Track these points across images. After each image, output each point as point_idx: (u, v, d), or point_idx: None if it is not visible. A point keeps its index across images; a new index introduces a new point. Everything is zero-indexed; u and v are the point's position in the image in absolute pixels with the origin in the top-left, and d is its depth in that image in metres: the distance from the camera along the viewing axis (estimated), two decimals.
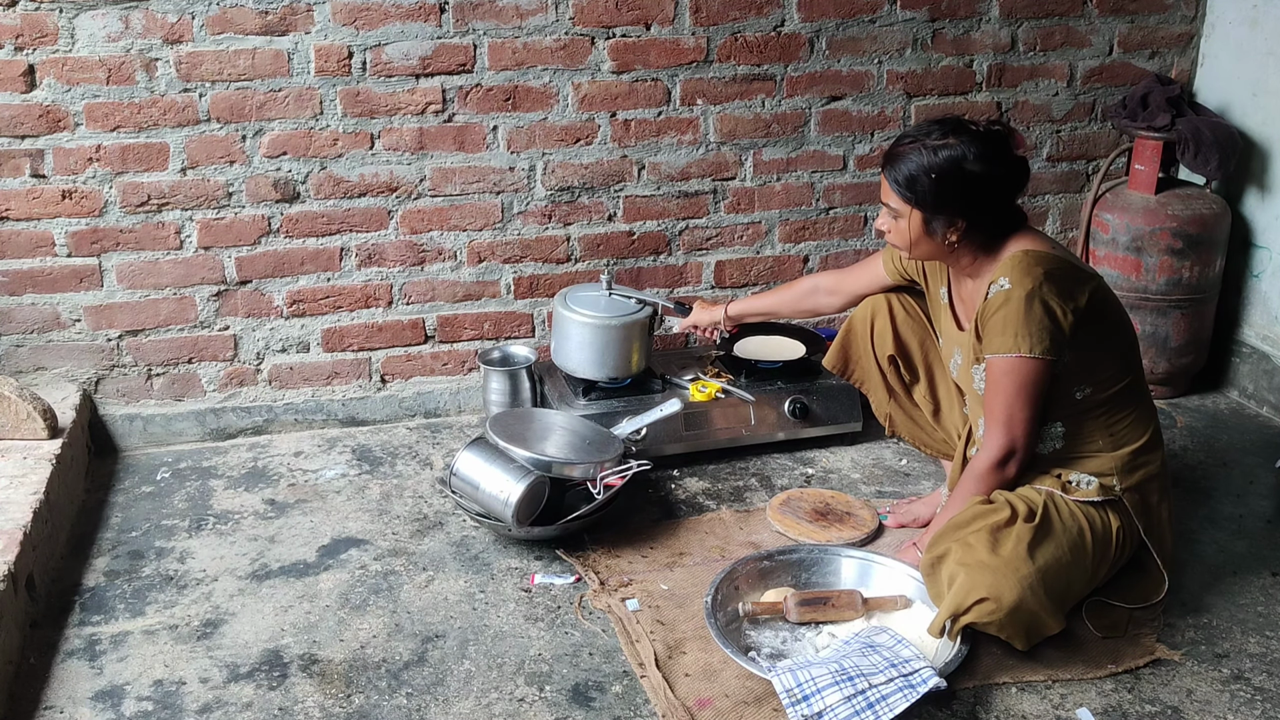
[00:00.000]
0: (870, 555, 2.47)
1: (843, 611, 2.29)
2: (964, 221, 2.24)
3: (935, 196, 2.21)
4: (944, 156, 2.19)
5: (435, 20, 2.97)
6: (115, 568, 2.55)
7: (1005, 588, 2.09)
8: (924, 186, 2.21)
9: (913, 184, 2.22)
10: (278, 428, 3.22)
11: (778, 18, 3.19)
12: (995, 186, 2.22)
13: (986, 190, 2.21)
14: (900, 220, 2.29)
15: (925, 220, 2.25)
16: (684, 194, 3.30)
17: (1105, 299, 2.28)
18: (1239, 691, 2.15)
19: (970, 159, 2.18)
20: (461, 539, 2.67)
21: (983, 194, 2.21)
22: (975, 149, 2.19)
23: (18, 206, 2.88)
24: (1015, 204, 2.30)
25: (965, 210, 2.22)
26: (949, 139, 2.20)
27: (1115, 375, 2.28)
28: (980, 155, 2.19)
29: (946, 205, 2.21)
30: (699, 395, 3.01)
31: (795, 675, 2.01)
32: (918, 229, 2.27)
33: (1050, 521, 2.20)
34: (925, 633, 2.22)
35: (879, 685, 1.99)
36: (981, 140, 2.20)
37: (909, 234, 2.29)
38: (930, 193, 2.21)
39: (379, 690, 2.14)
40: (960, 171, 2.18)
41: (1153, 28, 3.48)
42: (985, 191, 2.21)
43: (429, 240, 3.17)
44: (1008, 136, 2.25)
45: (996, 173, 2.20)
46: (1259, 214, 3.41)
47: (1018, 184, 2.27)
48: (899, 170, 2.24)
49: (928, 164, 2.20)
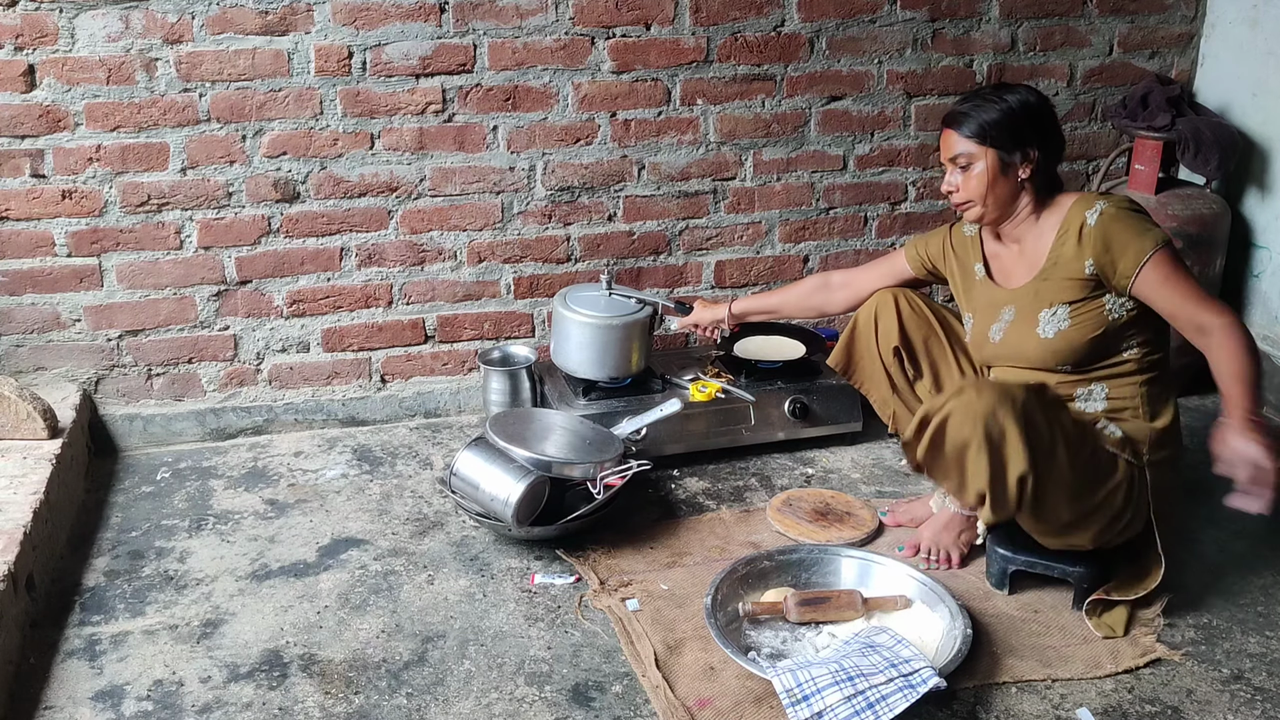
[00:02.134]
0: (870, 555, 2.47)
1: (843, 611, 2.29)
2: (1037, 152, 2.32)
3: (1010, 131, 2.31)
4: (1013, 98, 2.32)
5: (435, 20, 2.97)
6: (115, 568, 2.55)
7: (985, 396, 2.11)
8: (999, 124, 2.31)
9: (986, 126, 2.32)
10: (278, 428, 3.23)
11: (778, 18, 3.19)
12: (1054, 123, 2.36)
13: (1051, 123, 2.35)
14: (972, 168, 2.34)
15: (1001, 159, 2.32)
16: (684, 194, 3.30)
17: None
18: (1239, 691, 2.15)
19: (1034, 100, 2.34)
20: (461, 539, 2.67)
21: (1048, 126, 2.34)
22: (1029, 92, 2.35)
23: (18, 206, 2.88)
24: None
25: (1040, 140, 2.32)
26: (1005, 90, 2.35)
27: (1158, 342, 2.35)
28: (1035, 96, 2.35)
29: (1020, 138, 2.31)
30: (699, 395, 3.01)
31: (795, 675, 2.02)
32: (994, 169, 2.33)
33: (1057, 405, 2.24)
34: (925, 633, 2.22)
35: (879, 685, 1.99)
36: (1029, 89, 2.37)
37: (985, 178, 2.34)
38: (1006, 128, 2.31)
39: (379, 690, 2.14)
40: (1028, 107, 2.32)
41: (1153, 28, 3.48)
42: (1050, 124, 2.35)
43: (429, 240, 3.17)
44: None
45: (1054, 112, 2.37)
46: (1259, 214, 3.41)
47: (1063, 140, 2.41)
48: (968, 120, 2.34)
49: (999, 108, 2.32)
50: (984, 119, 2.31)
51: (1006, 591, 2.42)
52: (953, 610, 2.26)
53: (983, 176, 2.33)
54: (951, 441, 2.15)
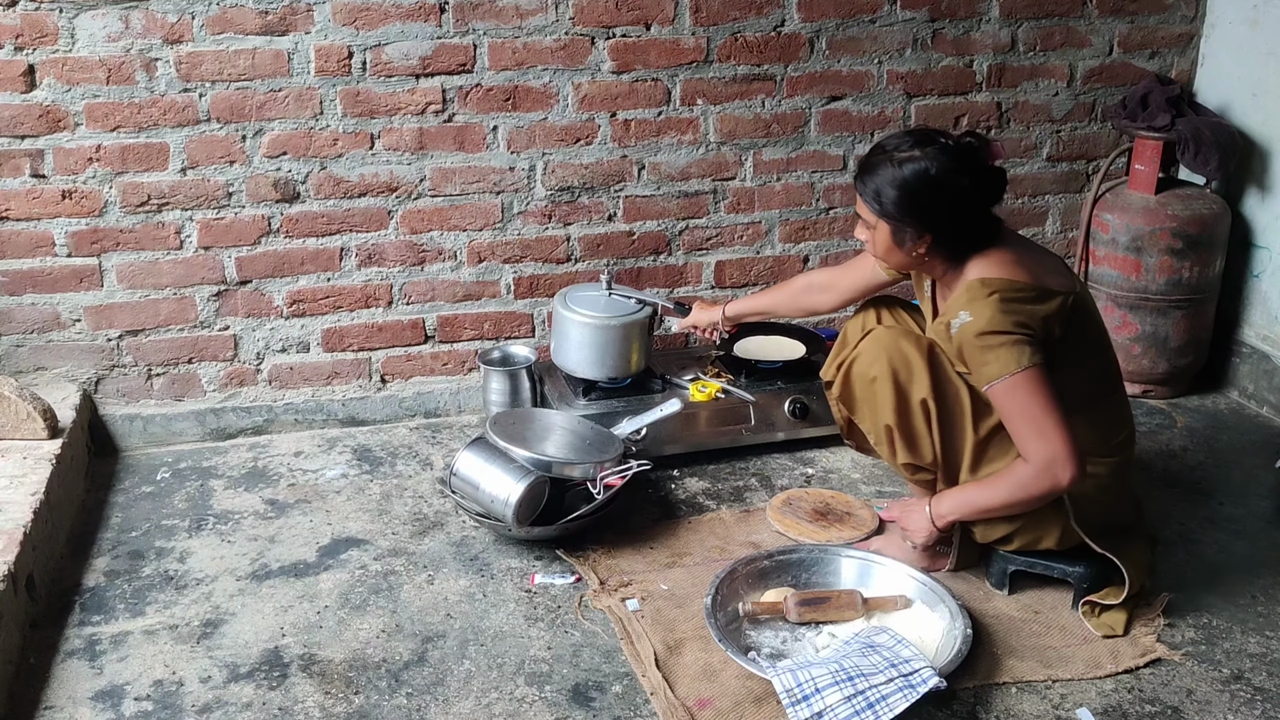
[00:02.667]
0: (870, 555, 2.47)
1: (843, 611, 2.29)
2: (930, 235, 2.22)
3: (900, 208, 2.20)
4: (909, 169, 2.18)
5: (435, 20, 2.97)
6: (115, 568, 2.55)
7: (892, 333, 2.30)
8: (889, 199, 2.20)
9: (879, 196, 2.22)
10: (278, 428, 3.22)
11: (778, 18, 3.19)
12: (961, 199, 2.19)
13: (952, 203, 2.19)
14: (873, 232, 2.29)
15: (893, 232, 2.25)
16: (684, 194, 3.30)
17: (1073, 314, 2.23)
18: (1239, 691, 2.15)
19: (935, 171, 2.16)
20: (461, 539, 2.67)
21: (948, 206, 2.19)
22: (941, 161, 2.16)
23: (18, 206, 2.88)
24: (987, 215, 2.26)
25: (931, 223, 2.20)
26: (914, 151, 2.19)
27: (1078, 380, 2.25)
28: (946, 168, 2.16)
29: (912, 217, 2.20)
30: (699, 395, 3.01)
31: (795, 675, 2.02)
32: (885, 240, 2.27)
33: None
34: (925, 634, 2.22)
35: (879, 685, 1.99)
36: (949, 152, 2.18)
37: (879, 245, 2.30)
38: (895, 204, 2.20)
39: (379, 690, 2.14)
40: (925, 184, 2.17)
41: (1153, 28, 3.48)
42: (951, 204, 2.19)
43: (429, 240, 3.17)
44: (979, 148, 2.22)
45: (962, 184, 2.18)
46: (1259, 214, 3.41)
47: (988, 195, 2.24)
48: (867, 182, 2.24)
49: (893, 176, 2.19)
50: (879, 185, 2.20)
51: (1006, 591, 2.42)
52: (953, 610, 2.26)
53: (876, 244, 2.30)
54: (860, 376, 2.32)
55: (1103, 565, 2.35)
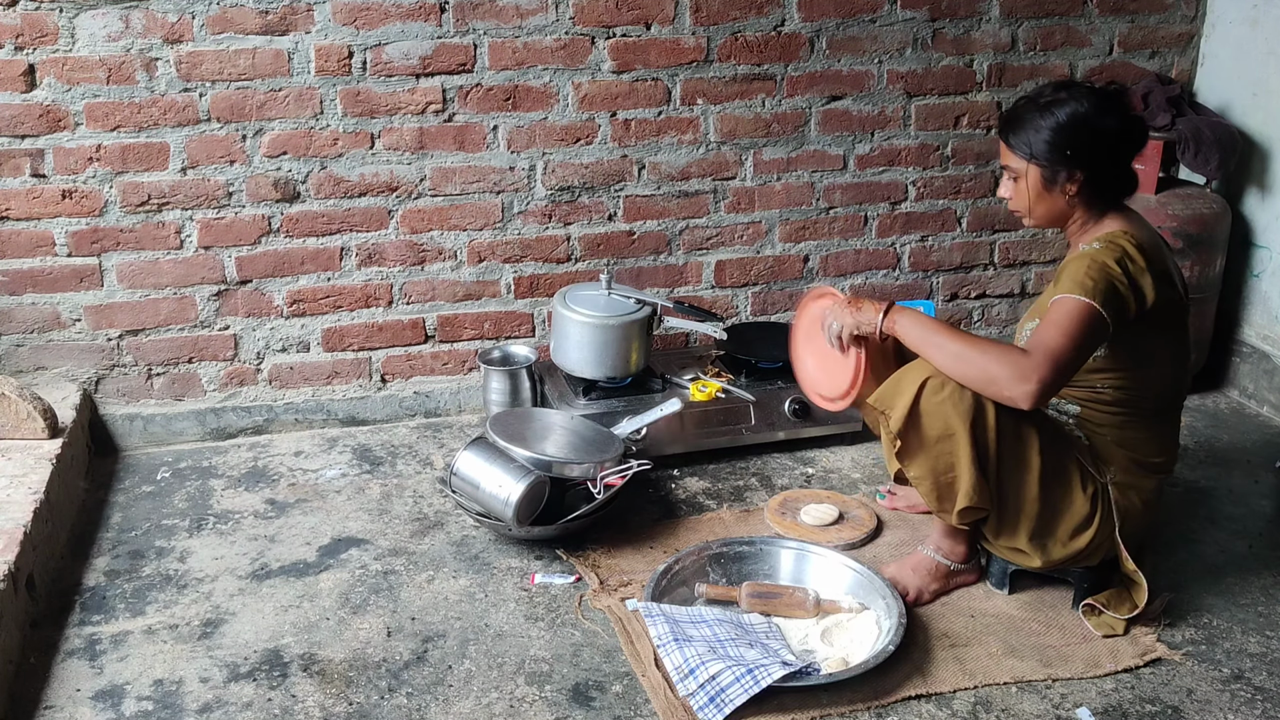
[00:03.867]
0: (807, 545, 2.52)
1: (793, 609, 2.33)
2: (1081, 173, 2.22)
3: (1052, 147, 2.21)
4: (1060, 109, 2.20)
5: (435, 20, 2.97)
6: (115, 567, 2.55)
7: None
8: (1042, 139, 2.21)
9: (1030, 139, 2.23)
10: (278, 427, 3.22)
11: (778, 17, 3.19)
12: (1109, 138, 2.21)
13: (1101, 141, 2.20)
14: (1020, 180, 2.28)
15: (1044, 175, 2.24)
16: (684, 194, 3.30)
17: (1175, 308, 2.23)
18: (1239, 691, 2.15)
19: (1085, 109, 2.19)
20: (461, 539, 2.67)
21: (1097, 144, 2.21)
22: (1088, 102, 2.20)
23: (18, 206, 2.88)
24: (1130, 166, 2.28)
25: (1082, 161, 2.21)
26: (1062, 93, 2.23)
27: (1142, 387, 2.25)
28: (1094, 107, 2.20)
29: (1063, 156, 2.21)
30: (699, 395, 3.01)
31: (682, 652, 2.11)
32: (1036, 185, 2.26)
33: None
34: (866, 638, 2.24)
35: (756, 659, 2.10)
36: (1095, 94, 2.22)
37: (1029, 192, 2.28)
38: (1047, 144, 2.21)
39: (379, 690, 2.14)
40: (1075, 121, 2.19)
41: (1153, 27, 3.48)
42: (1100, 142, 2.20)
43: (429, 240, 3.17)
44: (1123, 93, 2.27)
45: (1109, 124, 2.20)
46: (1259, 213, 3.41)
47: (1133, 141, 2.26)
48: (1015, 128, 2.26)
49: (1043, 118, 2.21)
50: (1029, 127, 2.22)
51: (1007, 591, 2.42)
52: (889, 605, 2.29)
53: (1026, 192, 2.28)
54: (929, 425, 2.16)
55: (1104, 567, 2.35)
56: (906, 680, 2.14)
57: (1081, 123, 2.19)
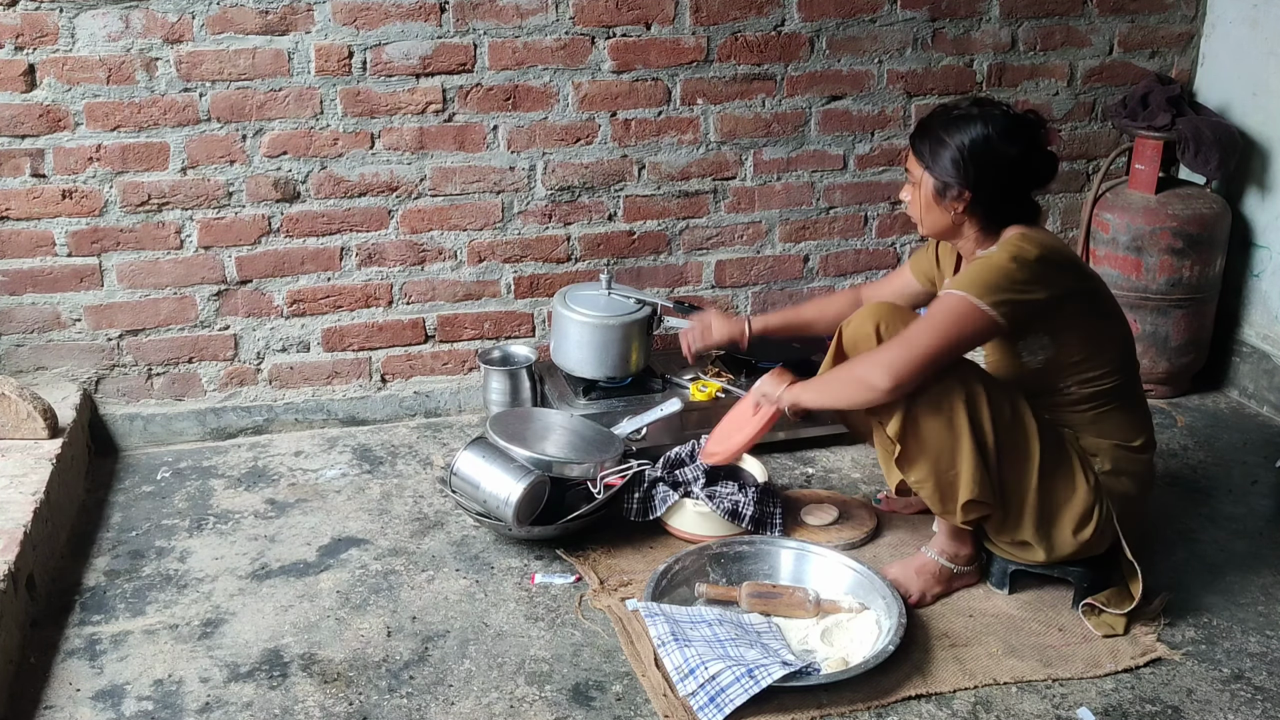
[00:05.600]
0: (807, 545, 2.51)
1: (793, 609, 2.33)
2: (969, 193, 2.23)
3: (946, 162, 2.23)
4: (962, 126, 2.22)
5: (435, 20, 2.97)
6: (115, 567, 2.55)
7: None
8: (938, 152, 2.23)
9: (928, 149, 2.26)
10: (278, 427, 3.23)
11: (778, 17, 3.19)
12: (1006, 165, 2.21)
13: (997, 165, 2.21)
14: (917, 188, 2.31)
15: (936, 187, 2.26)
16: (684, 194, 3.30)
17: (1096, 300, 2.26)
18: (1239, 691, 2.15)
19: (986, 132, 2.20)
20: (461, 538, 2.67)
21: (992, 168, 2.21)
22: (996, 124, 2.20)
23: (18, 206, 2.88)
24: (1029, 196, 2.29)
25: (972, 181, 2.22)
26: (974, 110, 2.24)
27: (1103, 375, 2.27)
28: (999, 130, 2.20)
29: (957, 173, 2.22)
30: (699, 395, 3.01)
31: (682, 653, 2.10)
32: (928, 195, 2.28)
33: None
34: (866, 638, 2.24)
35: (756, 660, 2.09)
36: (1005, 118, 2.22)
37: (920, 200, 2.30)
38: (943, 158, 2.23)
39: (379, 690, 2.14)
40: (973, 141, 2.20)
41: (1153, 27, 3.48)
42: (996, 167, 2.21)
43: (429, 240, 3.17)
44: (1037, 125, 2.25)
45: (1010, 151, 2.20)
46: (1259, 213, 3.41)
47: (1035, 172, 2.26)
48: (921, 136, 2.28)
49: (945, 131, 2.23)
50: (928, 136, 2.25)
51: (1007, 591, 2.42)
52: (888, 604, 2.29)
53: (918, 200, 2.31)
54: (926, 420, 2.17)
55: (1103, 566, 2.36)
56: (906, 680, 2.14)
57: (982, 144, 2.20)
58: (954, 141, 2.21)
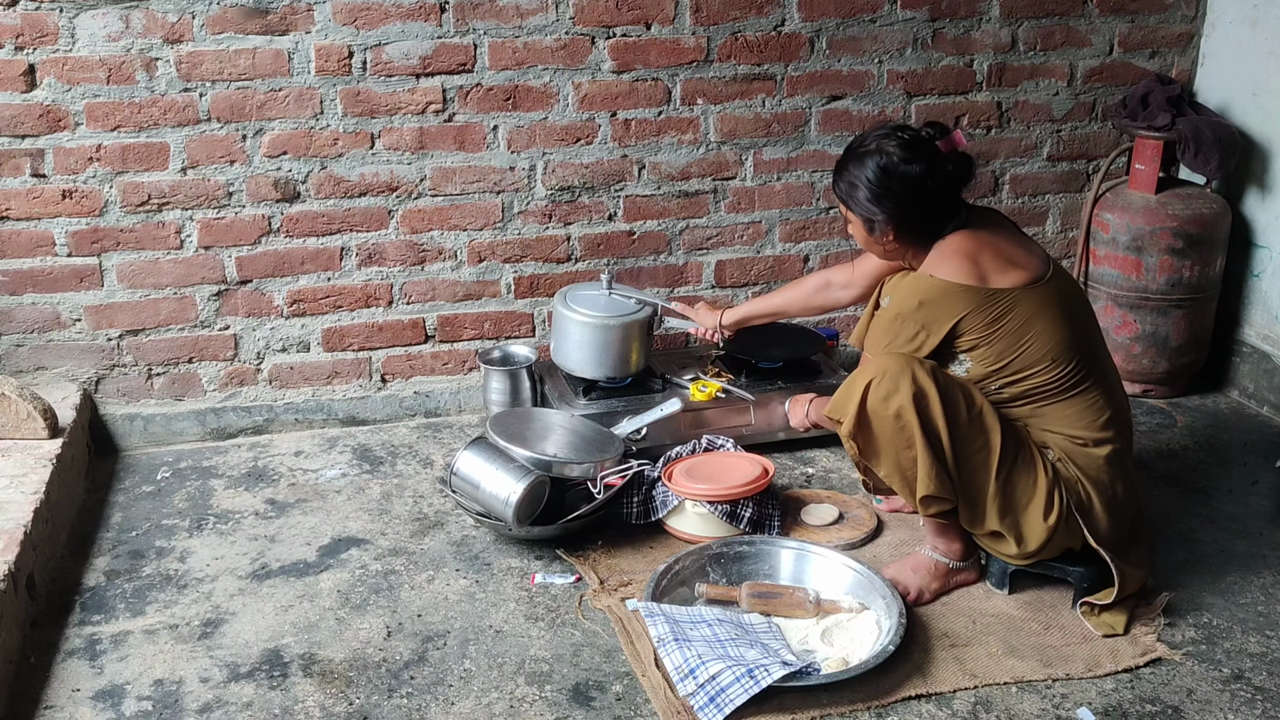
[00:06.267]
0: (806, 545, 2.51)
1: (793, 609, 2.33)
2: (893, 223, 2.30)
3: (862, 200, 2.30)
4: (864, 161, 2.29)
5: (435, 20, 2.97)
6: (115, 567, 2.55)
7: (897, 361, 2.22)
8: (853, 193, 2.32)
9: (845, 190, 2.34)
10: (278, 427, 3.23)
11: (778, 17, 3.19)
12: (915, 186, 2.26)
13: (906, 191, 2.26)
14: (851, 226, 2.40)
15: (864, 223, 2.35)
16: (684, 194, 3.30)
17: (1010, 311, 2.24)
18: (1239, 691, 2.15)
19: (886, 163, 2.26)
20: (462, 539, 2.67)
21: (903, 195, 2.27)
22: (894, 153, 2.26)
23: (18, 206, 2.88)
24: (947, 201, 2.31)
25: (890, 212, 2.28)
26: (871, 145, 2.30)
27: (1032, 373, 2.27)
28: (899, 158, 2.25)
29: (875, 207, 2.29)
30: (699, 395, 3.01)
31: (682, 653, 2.10)
32: (861, 234, 2.38)
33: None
34: (867, 637, 2.24)
35: (756, 660, 2.09)
36: (902, 144, 2.27)
37: (858, 239, 2.40)
38: (859, 198, 2.31)
39: (379, 690, 2.14)
40: (879, 175, 2.27)
41: (1153, 27, 3.48)
42: (905, 192, 2.27)
43: (429, 240, 3.17)
44: (935, 137, 2.29)
45: (913, 173, 2.25)
46: (1259, 213, 3.41)
47: (947, 182, 2.29)
48: (836, 178, 2.37)
49: (854, 171, 2.31)
50: (844, 180, 2.33)
51: (1007, 591, 2.42)
52: (888, 604, 2.29)
53: (858, 235, 2.40)
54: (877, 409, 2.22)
55: (1103, 565, 2.35)
56: (906, 680, 2.14)
57: (886, 174, 2.26)
58: (861, 179, 2.28)
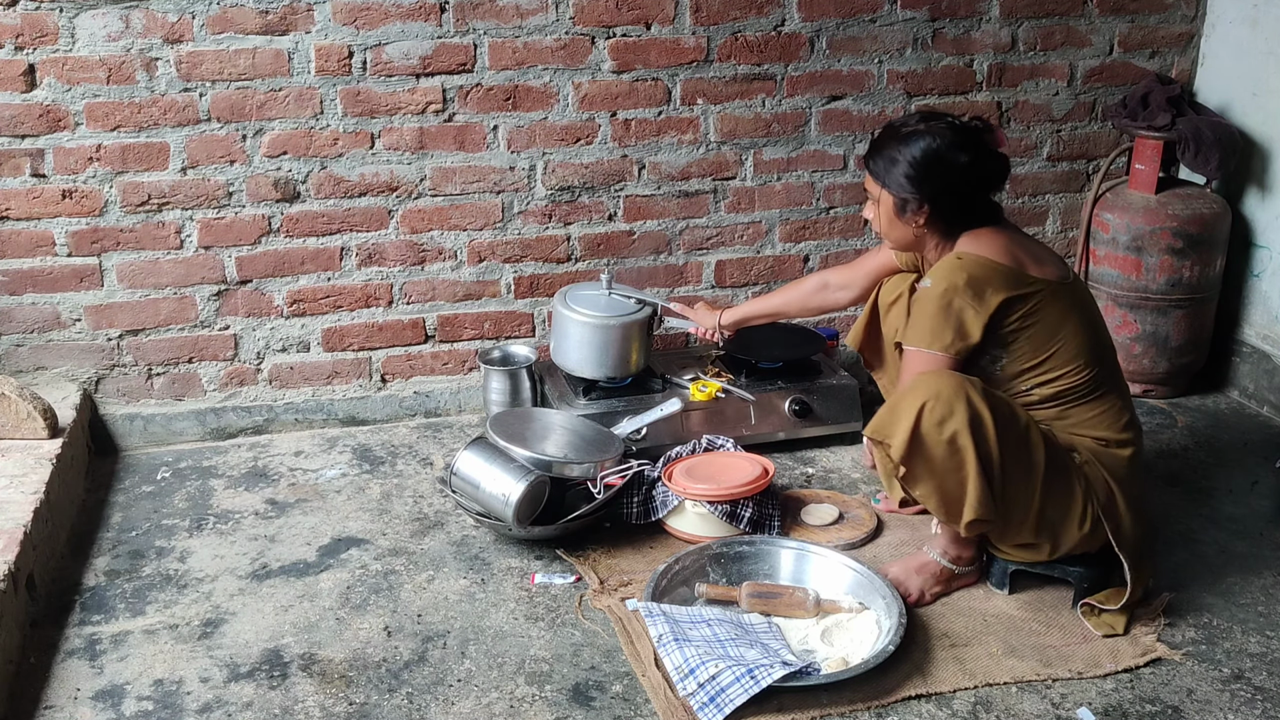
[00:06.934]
0: (806, 545, 2.51)
1: (793, 609, 2.33)
2: (928, 206, 2.29)
3: (902, 179, 2.29)
4: (911, 140, 2.28)
5: (435, 20, 2.97)
6: (115, 567, 2.55)
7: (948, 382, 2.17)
8: (893, 170, 2.30)
9: (884, 167, 2.32)
10: (278, 427, 3.23)
11: (778, 17, 3.19)
12: (959, 174, 2.27)
13: (950, 176, 2.27)
14: (877, 206, 2.38)
15: (896, 204, 2.33)
16: (684, 194, 3.30)
17: (1046, 304, 2.25)
18: (1239, 691, 2.15)
19: (936, 145, 2.26)
20: (461, 539, 2.67)
21: (946, 179, 2.27)
22: (944, 137, 2.27)
23: (18, 206, 2.88)
24: (985, 198, 2.35)
25: (929, 194, 2.28)
26: (920, 126, 2.29)
27: (1064, 374, 2.28)
28: (948, 143, 2.26)
29: (913, 187, 2.29)
30: (699, 395, 3.01)
31: (682, 653, 2.10)
32: (889, 212, 2.36)
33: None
34: (867, 637, 2.24)
35: (755, 660, 2.09)
36: (953, 130, 2.28)
37: (883, 218, 2.38)
38: (898, 175, 2.29)
39: (379, 690, 2.14)
40: (925, 156, 2.27)
41: (1153, 27, 3.48)
42: (948, 177, 2.27)
43: (429, 240, 3.17)
44: (983, 131, 2.32)
45: (961, 160, 2.26)
46: (1259, 213, 3.41)
47: (987, 177, 2.33)
48: (875, 155, 2.35)
49: (898, 149, 2.30)
50: (883, 155, 2.32)
51: (1007, 591, 2.42)
52: (888, 604, 2.29)
53: (880, 217, 2.39)
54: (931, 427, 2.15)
55: (1103, 565, 2.36)
56: (906, 680, 2.14)
57: (934, 157, 2.26)
58: (905, 157, 2.28)
